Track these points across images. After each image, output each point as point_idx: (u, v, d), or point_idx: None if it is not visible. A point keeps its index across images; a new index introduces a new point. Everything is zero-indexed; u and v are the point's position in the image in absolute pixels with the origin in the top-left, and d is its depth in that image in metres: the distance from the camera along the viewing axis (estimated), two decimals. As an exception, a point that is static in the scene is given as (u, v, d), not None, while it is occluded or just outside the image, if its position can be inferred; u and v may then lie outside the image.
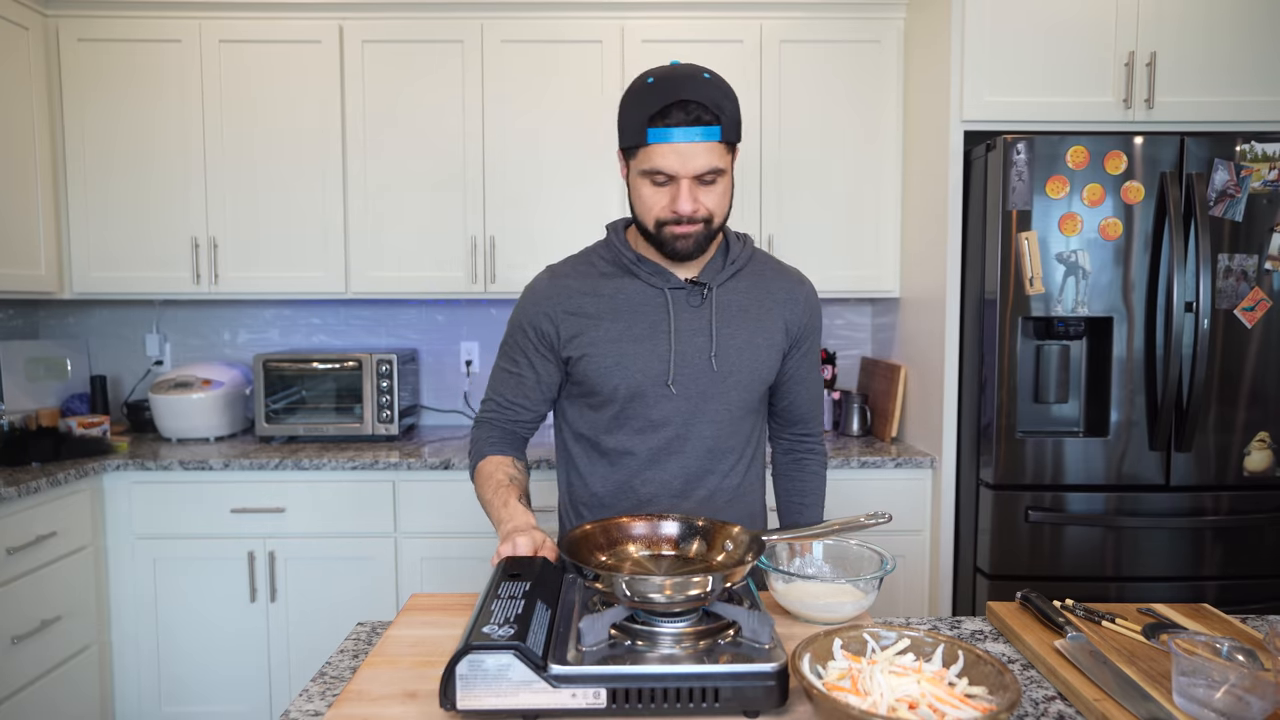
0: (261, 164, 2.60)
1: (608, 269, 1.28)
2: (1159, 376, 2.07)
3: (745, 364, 1.27)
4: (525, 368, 1.30)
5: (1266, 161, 2.04)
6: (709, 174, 1.14)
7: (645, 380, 1.24)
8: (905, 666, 0.85)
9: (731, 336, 1.26)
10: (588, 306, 1.26)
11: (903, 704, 0.78)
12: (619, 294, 1.26)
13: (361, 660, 1.01)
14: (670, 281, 1.25)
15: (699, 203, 1.15)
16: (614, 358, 1.24)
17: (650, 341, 1.24)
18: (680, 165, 1.12)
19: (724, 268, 1.29)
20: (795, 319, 1.33)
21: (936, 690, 0.80)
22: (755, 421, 1.36)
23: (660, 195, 1.16)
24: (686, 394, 1.25)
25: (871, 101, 2.62)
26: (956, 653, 0.87)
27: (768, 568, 1.11)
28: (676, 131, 1.10)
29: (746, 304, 1.29)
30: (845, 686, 0.82)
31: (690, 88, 1.11)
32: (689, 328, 1.25)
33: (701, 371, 1.25)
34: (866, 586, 1.09)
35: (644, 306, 1.25)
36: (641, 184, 1.17)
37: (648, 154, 1.13)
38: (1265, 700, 0.79)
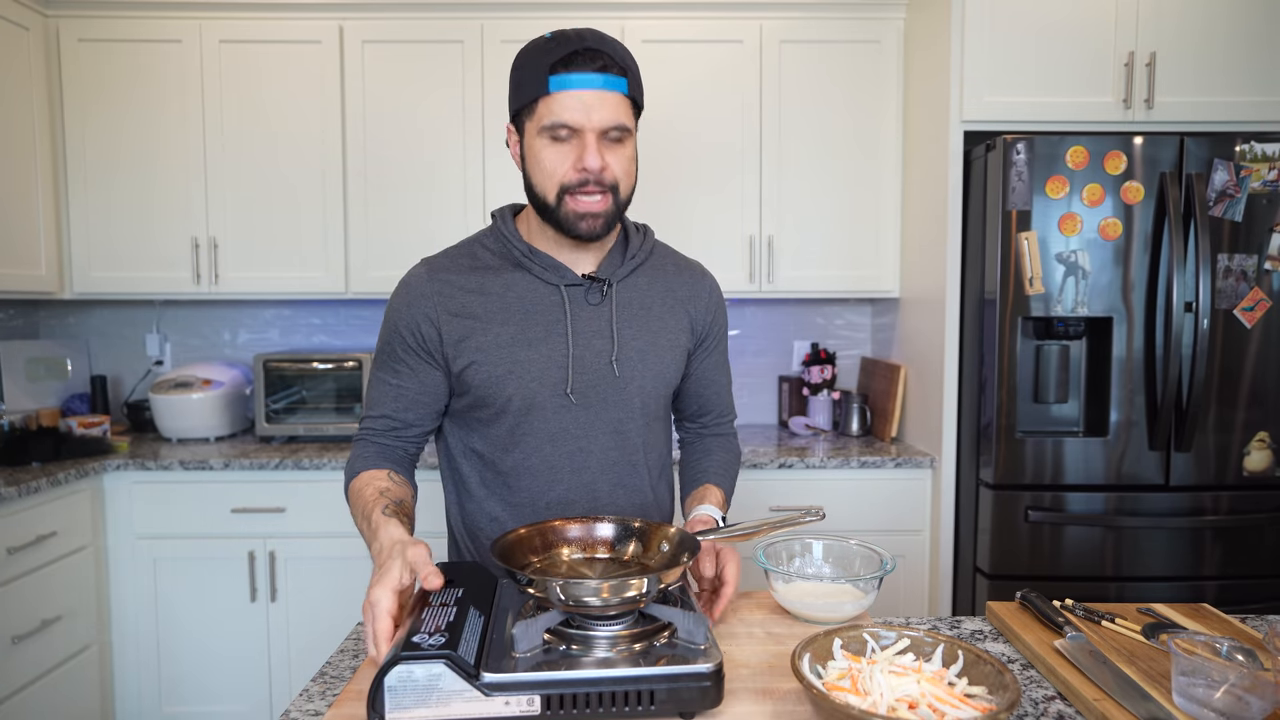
0: (262, 164, 2.60)
1: (495, 262, 1.16)
2: (1159, 376, 2.07)
3: (649, 367, 1.18)
4: (406, 377, 1.16)
5: (1266, 161, 2.04)
6: (615, 130, 1.06)
7: (541, 389, 1.13)
8: (905, 666, 0.85)
9: (634, 337, 1.17)
10: (474, 306, 1.13)
11: (903, 704, 0.78)
12: (509, 291, 1.14)
13: (361, 660, 1.01)
14: (566, 277, 1.14)
15: (606, 162, 1.06)
16: (506, 365, 1.12)
17: (545, 345, 1.13)
18: (585, 117, 1.03)
19: (624, 262, 1.19)
20: (699, 316, 1.25)
21: (936, 690, 0.79)
22: (661, 429, 1.26)
23: (564, 155, 1.06)
24: (586, 402, 1.15)
25: (871, 102, 2.62)
26: (956, 652, 0.87)
27: (767, 568, 1.11)
28: (581, 78, 1.02)
29: (648, 301, 1.20)
30: (845, 686, 0.82)
31: (594, 39, 1.05)
32: (587, 329, 1.15)
33: (601, 377, 1.15)
34: (866, 586, 1.09)
35: (537, 305, 1.14)
36: (541, 145, 1.06)
37: (549, 105, 1.04)
38: (1265, 700, 0.79)
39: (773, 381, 3.04)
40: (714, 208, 2.63)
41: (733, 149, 2.62)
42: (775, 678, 0.93)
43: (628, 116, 1.08)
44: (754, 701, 0.87)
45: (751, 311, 3.03)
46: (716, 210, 2.63)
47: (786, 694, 0.88)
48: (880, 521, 2.39)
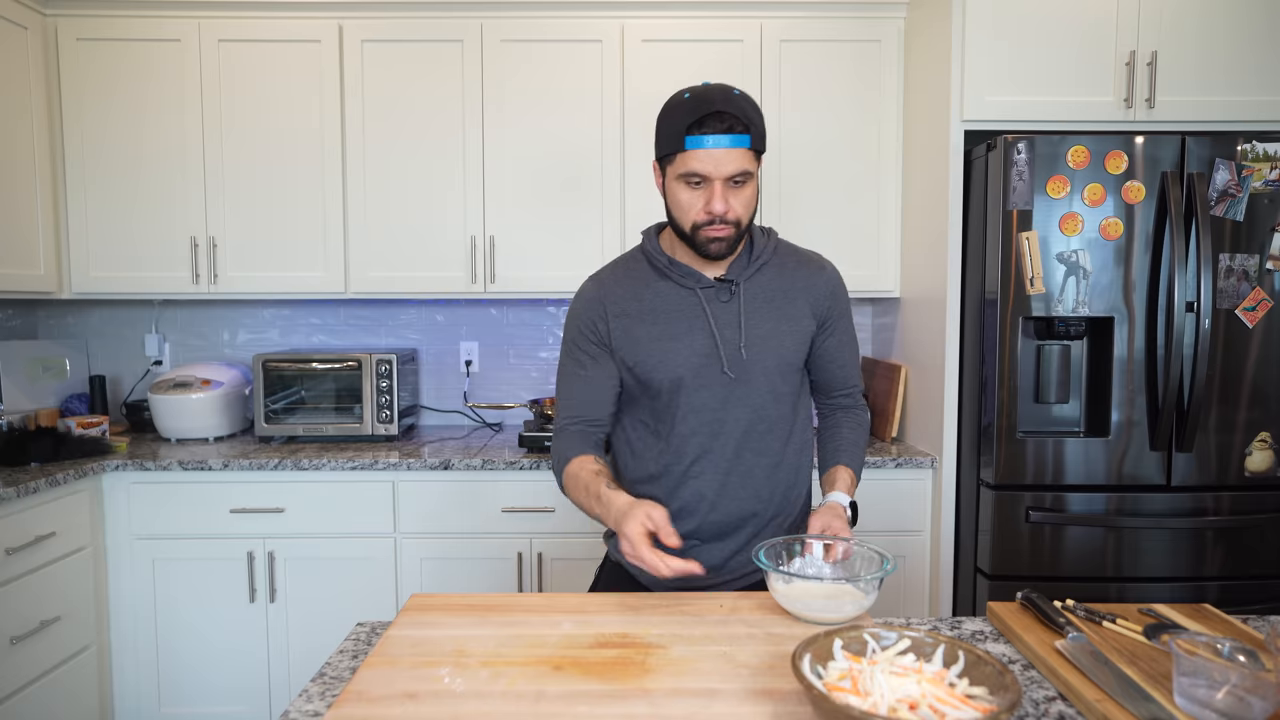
0: (261, 164, 2.60)
1: (645, 273, 1.41)
2: (1160, 376, 2.06)
3: (771, 351, 1.38)
4: (591, 367, 1.41)
5: (1267, 161, 2.04)
6: (739, 176, 1.26)
7: (686, 373, 1.36)
8: (906, 667, 0.84)
9: (757, 327, 1.37)
10: (630, 309, 1.39)
11: (903, 704, 0.78)
12: (657, 297, 1.39)
13: (361, 660, 1.01)
14: (701, 282, 1.38)
15: (730, 204, 1.27)
16: (657, 355, 1.36)
17: (688, 338, 1.36)
18: (714, 168, 1.25)
19: (749, 264, 1.39)
20: (819, 303, 1.43)
21: (937, 691, 0.79)
22: (793, 402, 1.44)
23: (696, 198, 1.28)
24: (720, 381, 1.37)
25: (871, 101, 2.62)
26: (957, 653, 0.86)
27: (768, 568, 1.11)
28: (711, 139, 1.24)
29: (771, 295, 1.40)
30: (845, 687, 0.82)
31: (723, 101, 1.25)
32: (721, 321, 1.37)
33: (733, 361, 1.37)
34: (867, 587, 1.09)
35: (679, 306, 1.38)
36: (678, 188, 1.30)
37: (685, 159, 1.26)
38: (1266, 701, 0.79)
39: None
40: (714, 207, 2.62)
41: (733, 149, 2.61)
42: (776, 678, 0.92)
43: (750, 163, 1.28)
44: (754, 702, 0.87)
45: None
46: (716, 210, 2.62)
47: (787, 694, 0.88)
48: (881, 521, 2.39)
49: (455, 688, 0.89)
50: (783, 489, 1.44)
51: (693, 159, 1.26)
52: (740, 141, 1.25)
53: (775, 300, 1.41)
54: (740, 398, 1.38)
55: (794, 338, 1.41)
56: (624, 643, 1.02)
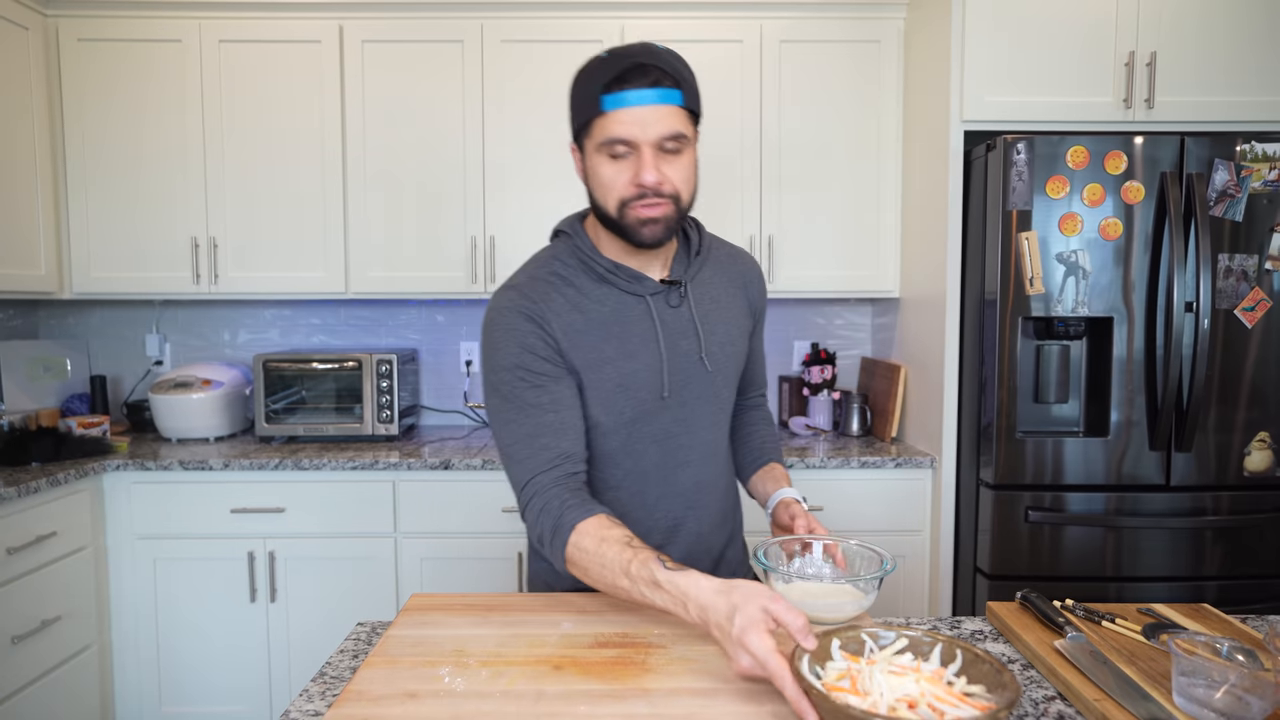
0: (262, 164, 2.60)
1: (579, 279, 1.16)
2: (1159, 376, 2.07)
3: (729, 356, 1.24)
4: (553, 390, 1.11)
5: (1267, 161, 2.04)
6: (671, 140, 1.06)
7: (649, 397, 1.16)
8: (904, 666, 0.84)
9: (712, 331, 1.22)
10: (578, 324, 1.13)
11: (902, 703, 0.78)
12: (602, 307, 1.15)
13: (361, 660, 1.01)
14: (649, 286, 1.17)
15: (663, 174, 1.07)
16: (615, 381, 1.14)
17: (645, 355, 1.15)
18: (641, 131, 1.05)
19: (691, 261, 1.22)
20: (754, 299, 1.32)
21: (935, 689, 0.79)
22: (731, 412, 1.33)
23: (622, 170, 1.07)
24: (683, 400, 1.19)
25: (871, 101, 2.62)
26: (955, 651, 0.87)
27: (767, 568, 1.10)
28: (634, 94, 1.04)
29: (717, 294, 1.25)
30: (845, 687, 0.81)
31: (645, 54, 1.06)
32: (674, 331, 1.18)
33: (694, 375, 1.19)
34: (867, 587, 1.08)
35: (629, 316, 1.15)
36: (600, 162, 1.08)
37: (604, 124, 1.05)
38: (1265, 700, 0.79)
39: (773, 381, 3.04)
40: (714, 207, 2.62)
41: (733, 149, 2.62)
42: (775, 678, 0.92)
43: (684, 125, 1.08)
44: (754, 702, 0.87)
45: (751, 311, 3.03)
46: (716, 210, 2.62)
47: (786, 694, 0.88)
48: (880, 521, 2.39)
49: (455, 687, 0.90)
50: (730, 511, 1.32)
51: (614, 122, 1.05)
52: (669, 97, 1.05)
53: (721, 300, 1.25)
54: (704, 416, 1.21)
55: (743, 339, 1.27)
56: (624, 642, 1.02)
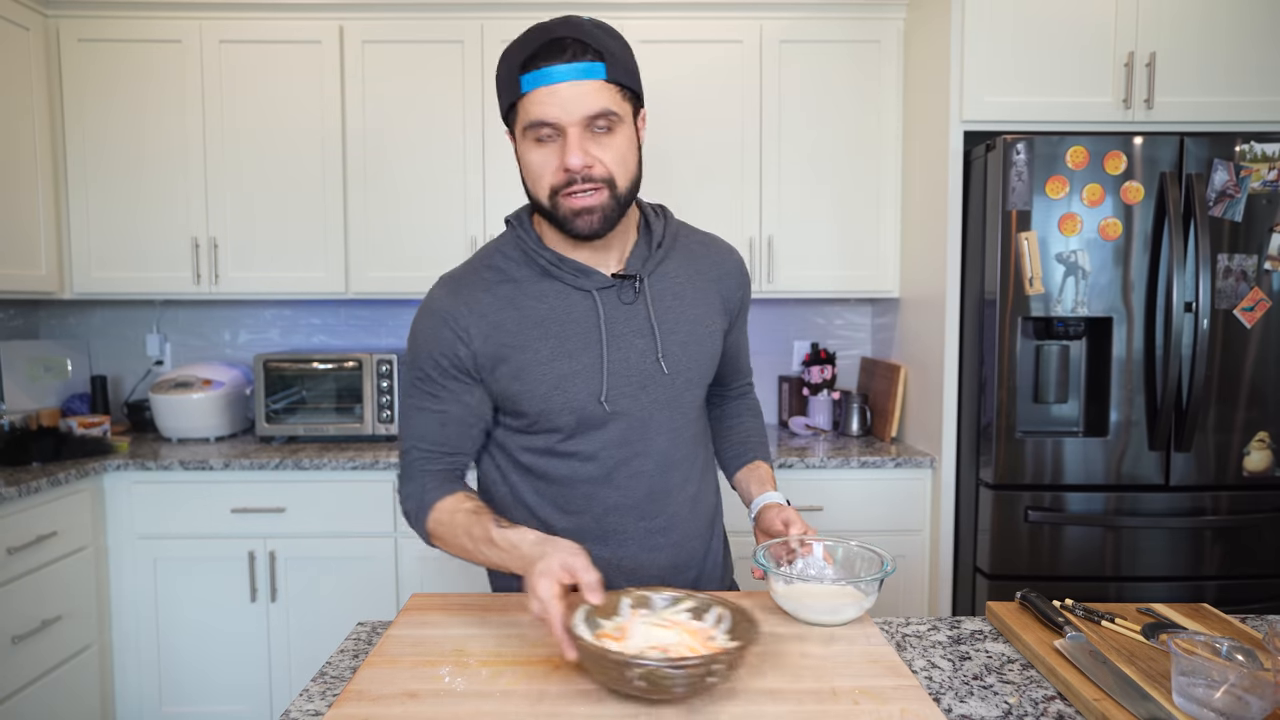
0: (262, 164, 2.60)
1: (520, 273, 1.10)
2: (1158, 376, 2.07)
3: (693, 357, 1.14)
4: (448, 401, 1.10)
5: (1266, 162, 2.04)
6: (600, 118, 0.98)
7: (590, 401, 1.08)
8: (674, 622, 0.92)
9: (673, 330, 1.12)
10: (508, 321, 1.08)
11: (655, 649, 0.86)
12: (541, 303, 1.08)
13: (362, 660, 1.01)
14: (597, 280, 1.09)
15: (591, 156, 0.99)
16: (551, 382, 1.07)
17: (587, 355, 1.08)
18: (563, 111, 0.97)
19: (650, 253, 1.14)
20: (731, 294, 1.22)
21: (688, 640, 0.88)
22: (702, 415, 1.24)
23: (549, 156, 1.00)
24: (638, 404, 1.11)
25: (871, 102, 2.62)
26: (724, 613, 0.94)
27: (767, 569, 1.09)
28: (553, 70, 0.97)
29: (680, 288, 1.15)
30: (614, 635, 0.90)
31: (564, 27, 0.99)
32: (627, 330, 1.10)
33: (649, 377, 1.10)
34: (868, 588, 1.08)
35: (572, 314, 1.08)
36: (527, 148, 1.02)
37: (525, 106, 0.99)
38: (1264, 700, 0.79)
39: (773, 381, 3.04)
40: (714, 208, 2.63)
41: (732, 149, 2.62)
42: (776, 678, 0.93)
43: (613, 102, 0.99)
44: (754, 701, 0.87)
45: (751, 311, 3.02)
46: (716, 210, 2.63)
47: (787, 694, 0.88)
48: (880, 521, 2.39)
49: (455, 687, 0.90)
50: (706, 522, 1.24)
51: (533, 103, 0.98)
52: (592, 71, 0.97)
53: (685, 295, 1.15)
54: (662, 422, 1.13)
55: (711, 338, 1.17)
56: (624, 642, 1.02)
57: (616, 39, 1.02)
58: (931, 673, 0.99)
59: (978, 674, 0.99)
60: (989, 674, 0.99)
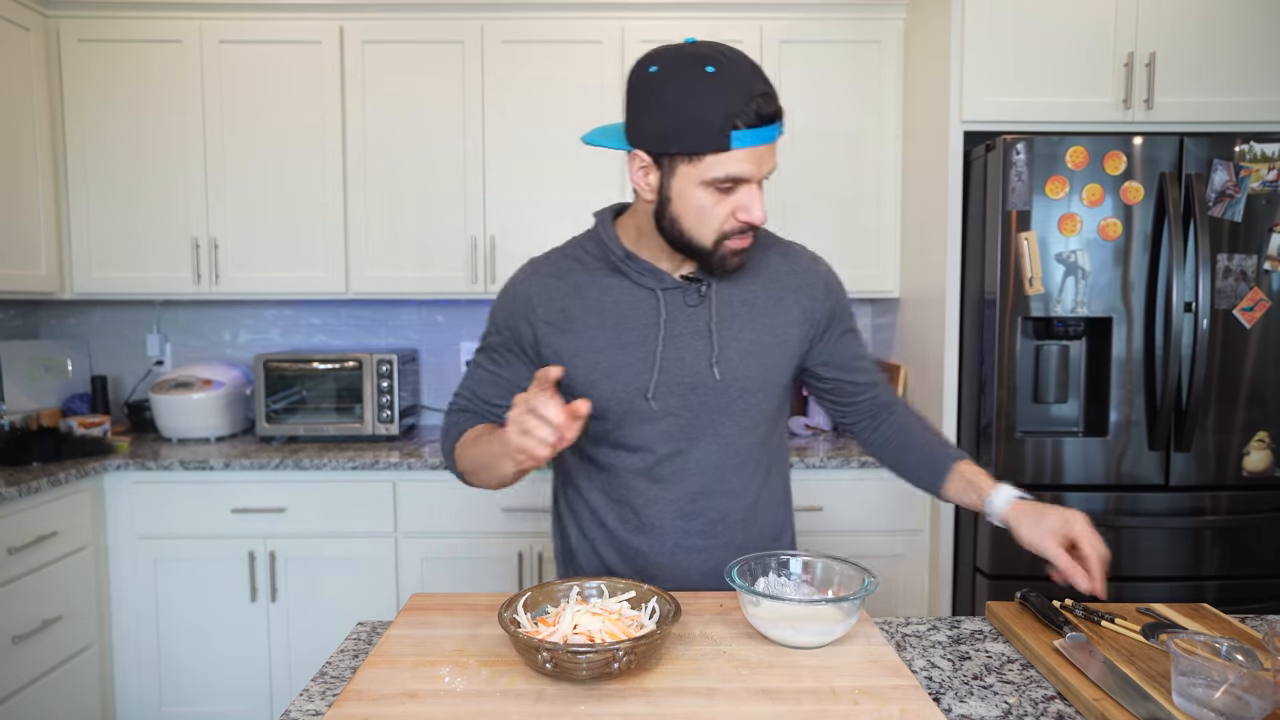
0: (262, 164, 2.60)
1: (594, 265, 1.15)
2: (1158, 376, 2.07)
3: (753, 368, 1.14)
4: (504, 369, 1.19)
5: (1265, 162, 2.04)
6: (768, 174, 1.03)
7: (636, 394, 1.11)
8: (607, 610, 0.97)
9: (735, 338, 1.13)
10: (572, 309, 1.13)
11: (581, 635, 0.91)
12: (605, 295, 1.13)
13: (362, 660, 1.01)
14: (664, 281, 1.12)
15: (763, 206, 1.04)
16: (600, 371, 1.12)
17: (640, 349, 1.11)
18: (755, 168, 1.00)
19: None
20: (815, 304, 1.19)
21: (612, 627, 0.93)
22: (770, 429, 1.21)
23: (725, 204, 1.02)
24: (686, 405, 1.13)
25: (871, 102, 2.62)
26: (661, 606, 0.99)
27: (740, 588, 1.01)
28: (766, 132, 0.98)
29: (751, 297, 1.15)
30: (551, 622, 0.96)
31: (757, 76, 0.98)
32: (685, 331, 1.12)
33: (701, 381, 1.12)
34: (849, 608, 0.99)
35: (633, 310, 1.12)
36: (700, 194, 1.02)
37: (723, 161, 0.98)
38: (1264, 700, 0.79)
39: (773, 381, 3.03)
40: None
41: (733, 149, 2.62)
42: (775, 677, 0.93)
43: None
44: (754, 701, 0.87)
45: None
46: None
47: (787, 694, 0.89)
48: (880, 521, 2.40)
49: (455, 687, 0.90)
50: (769, 535, 1.22)
51: (734, 160, 0.98)
52: (780, 129, 1.01)
53: (756, 304, 1.15)
54: (710, 426, 1.14)
55: (781, 350, 1.16)
56: (624, 642, 1.02)
57: None
58: (931, 673, 0.99)
59: (977, 674, 0.99)
60: (989, 674, 0.99)
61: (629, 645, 0.87)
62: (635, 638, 0.90)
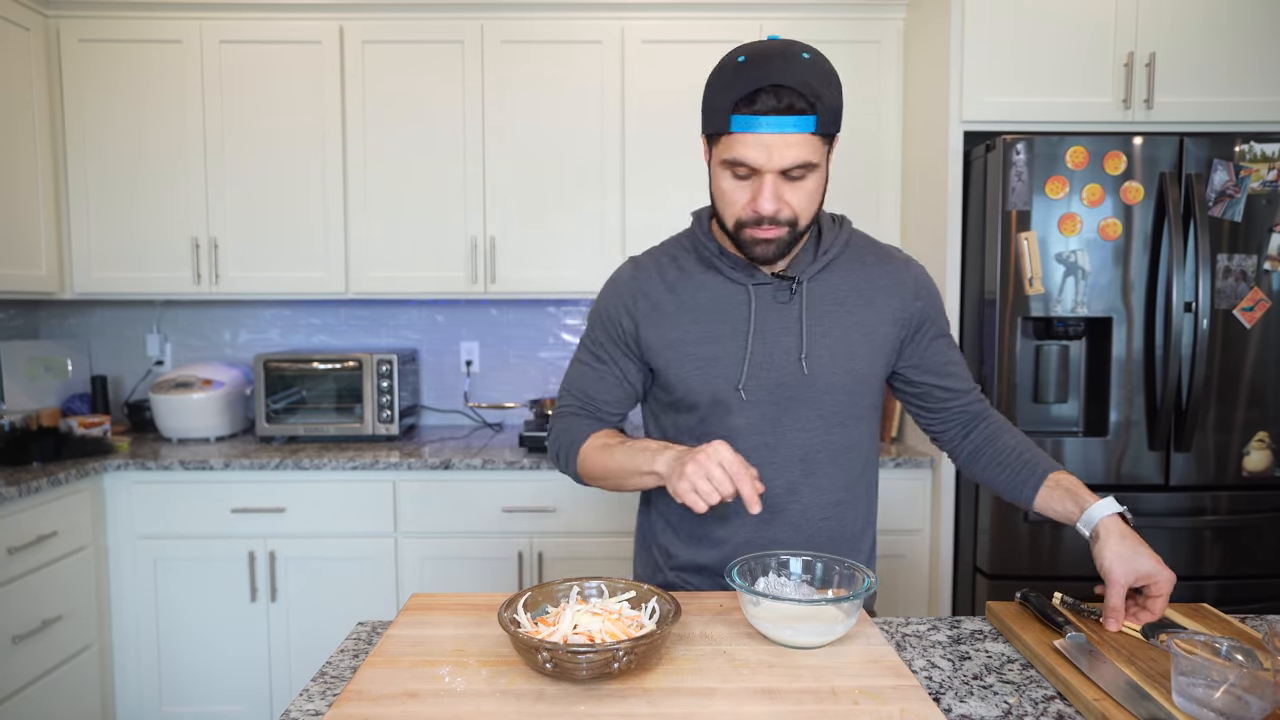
0: (262, 164, 2.60)
1: (690, 262, 1.20)
2: (1158, 376, 2.07)
3: (840, 364, 1.15)
4: (609, 363, 1.22)
5: (1265, 162, 2.04)
6: (797, 169, 1.02)
7: (727, 386, 1.15)
8: (608, 610, 0.97)
9: (824, 334, 1.15)
10: (668, 304, 1.18)
11: (581, 635, 0.92)
12: (700, 291, 1.17)
13: (362, 660, 1.01)
14: (755, 276, 1.15)
15: (783, 202, 1.04)
16: (694, 362, 1.16)
17: (732, 343, 1.15)
18: (766, 159, 1.01)
19: (815, 258, 1.17)
20: (905, 306, 1.19)
21: (613, 629, 0.93)
22: (862, 428, 1.21)
23: (741, 191, 1.05)
24: (773, 399, 1.15)
25: (871, 102, 2.62)
26: (661, 606, 0.99)
27: (740, 588, 1.01)
28: (764, 121, 0.99)
29: (843, 296, 1.17)
30: (551, 622, 0.96)
31: (784, 70, 0.98)
32: (775, 326, 1.15)
33: (790, 374, 1.14)
34: (848, 609, 0.99)
35: (726, 304, 1.16)
36: (722, 175, 1.07)
37: (730, 143, 1.03)
38: (1264, 700, 0.79)
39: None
40: (714, 208, 2.62)
41: (733, 149, 2.62)
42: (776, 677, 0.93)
43: (814, 152, 1.02)
44: (754, 701, 0.87)
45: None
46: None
47: (787, 694, 0.89)
48: (880, 521, 2.38)
49: (455, 687, 0.90)
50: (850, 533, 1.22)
51: (739, 145, 1.01)
52: (803, 125, 0.99)
53: (847, 303, 1.17)
54: (797, 420, 1.16)
55: (869, 347, 1.17)
56: (624, 642, 1.02)
57: (832, 83, 1.02)
58: (931, 672, 0.99)
59: (977, 674, 0.99)
60: (989, 674, 0.99)
61: (629, 645, 0.87)
62: (635, 638, 0.90)
